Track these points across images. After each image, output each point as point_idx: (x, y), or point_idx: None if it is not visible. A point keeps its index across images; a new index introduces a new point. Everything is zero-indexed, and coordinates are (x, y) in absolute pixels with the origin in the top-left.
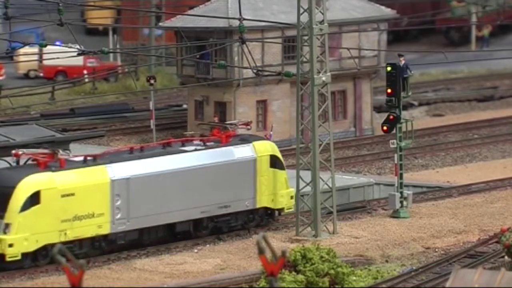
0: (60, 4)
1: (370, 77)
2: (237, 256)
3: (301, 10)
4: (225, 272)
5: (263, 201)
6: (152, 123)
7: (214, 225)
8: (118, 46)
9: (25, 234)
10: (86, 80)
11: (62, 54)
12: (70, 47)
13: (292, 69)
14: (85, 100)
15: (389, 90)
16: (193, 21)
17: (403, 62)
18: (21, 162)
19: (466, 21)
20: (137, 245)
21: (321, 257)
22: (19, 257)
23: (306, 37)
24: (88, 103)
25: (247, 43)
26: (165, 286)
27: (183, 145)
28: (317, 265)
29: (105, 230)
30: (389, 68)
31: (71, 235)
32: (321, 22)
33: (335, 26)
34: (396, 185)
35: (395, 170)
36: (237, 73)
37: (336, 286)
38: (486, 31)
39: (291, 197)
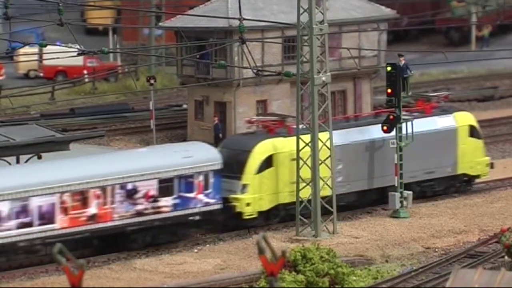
0: (60, 4)
1: (370, 77)
2: (237, 256)
3: (301, 10)
4: (225, 272)
5: (463, 168)
6: (152, 123)
7: (420, 189)
8: (118, 46)
9: (260, 194)
10: (86, 80)
11: (62, 54)
12: (70, 47)
13: (292, 69)
14: (85, 100)
15: (389, 90)
16: (193, 21)
17: (403, 62)
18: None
19: (466, 21)
20: (353, 207)
21: (321, 257)
22: (255, 215)
23: (306, 37)
24: (88, 103)
25: (247, 43)
26: (165, 286)
27: None
28: (317, 265)
29: (329, 192)
30: (389, 68)
31: None
32: (321, 22)
33: (335, 26)
34: (396, 185)
35: (395, 170)
36: (237, 73)
37: (336, 286)
38: (486, 31)
39: (486, 165)
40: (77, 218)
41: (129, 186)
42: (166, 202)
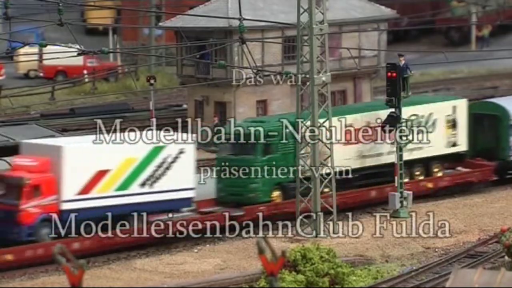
0: (60, 4)
1: (370, 77)
2: (237, 256)
3: (301, 10)
4: (225, 272)
5: None
6: (152, 123)
7: None
8: (118, 46)
9: None
10: (86, 80)
11: (62, 54)
12: (70, 47)
13: (292, 69)
14: (85, 100)
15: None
16: (193, 21)
17: (403, 62)
18: None
19: (466, 21)
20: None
21: (321, 257)
22: None
23: (306, 37)
24: (88, 103)
25: (247, 43)
26: (165, 286)
27: None
28: (317, 265)
29: None
30: (389, 74)
31: None
32: (321, 22)
33: (335, 26)
34: (396, 185)
35: (395, 170)
36: (237, 73)
37: (336, 286)
38: (486, 31)
39: None
40: None
41: None
42: None
